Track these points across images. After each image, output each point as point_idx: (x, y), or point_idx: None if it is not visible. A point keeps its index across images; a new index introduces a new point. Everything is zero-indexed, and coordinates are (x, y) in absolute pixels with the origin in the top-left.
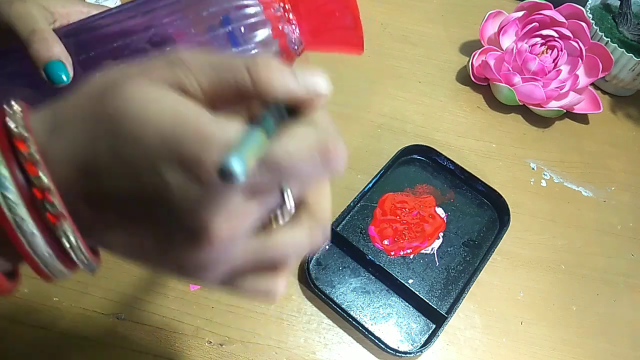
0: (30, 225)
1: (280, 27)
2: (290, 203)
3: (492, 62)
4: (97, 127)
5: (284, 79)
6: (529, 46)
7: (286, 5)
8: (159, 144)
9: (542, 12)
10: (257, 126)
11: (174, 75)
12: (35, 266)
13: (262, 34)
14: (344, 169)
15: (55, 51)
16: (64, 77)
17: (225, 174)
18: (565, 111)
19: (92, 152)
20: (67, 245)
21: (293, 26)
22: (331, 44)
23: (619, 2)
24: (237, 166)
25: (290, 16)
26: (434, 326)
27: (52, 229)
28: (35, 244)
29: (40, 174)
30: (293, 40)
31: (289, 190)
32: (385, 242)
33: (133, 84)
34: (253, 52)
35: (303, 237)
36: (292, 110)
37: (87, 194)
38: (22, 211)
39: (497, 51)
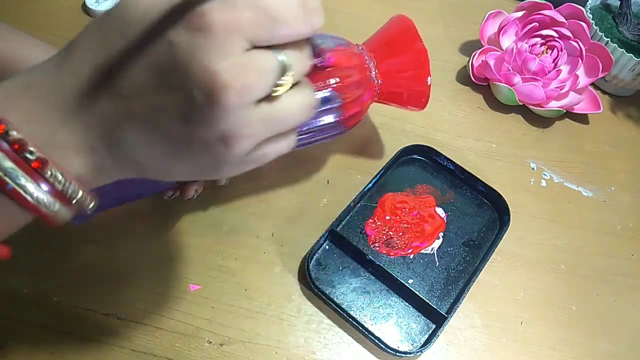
0: (19, 174)
1: (366, 64)
2: (282, 57)
3: (492, 62)
4: (105, 30)
5: None
6: (529, 46)
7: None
8: (161, 16)
9: (542, 12)
10: None
11: None
12: (33, 208)
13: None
14: (321, 23)
15: None
16: None
17: None
18: (565, 111)
19: (106, 49)
20: (58, 185)
21: (375, 71)
22: (398, 100)
23: (619, 2)
24: None
25: (373, 65)
26: (434, 326)
27: (41, 173)
28: (28, 189)
29: (9, 131)
30: (373, 76)
31: (281, 54)
32: None
33: None
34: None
35: (306, 99)
36: None
37: (109, 88)
38: (8, 164)
39: (497, 51)
